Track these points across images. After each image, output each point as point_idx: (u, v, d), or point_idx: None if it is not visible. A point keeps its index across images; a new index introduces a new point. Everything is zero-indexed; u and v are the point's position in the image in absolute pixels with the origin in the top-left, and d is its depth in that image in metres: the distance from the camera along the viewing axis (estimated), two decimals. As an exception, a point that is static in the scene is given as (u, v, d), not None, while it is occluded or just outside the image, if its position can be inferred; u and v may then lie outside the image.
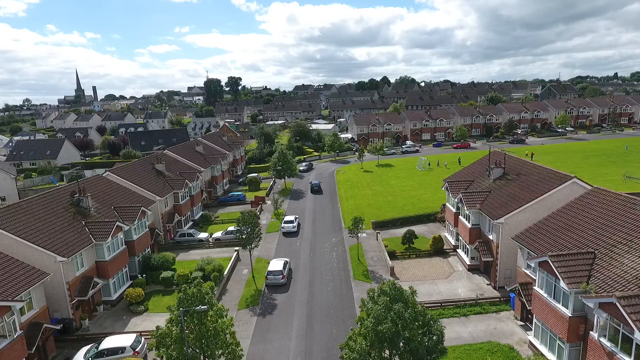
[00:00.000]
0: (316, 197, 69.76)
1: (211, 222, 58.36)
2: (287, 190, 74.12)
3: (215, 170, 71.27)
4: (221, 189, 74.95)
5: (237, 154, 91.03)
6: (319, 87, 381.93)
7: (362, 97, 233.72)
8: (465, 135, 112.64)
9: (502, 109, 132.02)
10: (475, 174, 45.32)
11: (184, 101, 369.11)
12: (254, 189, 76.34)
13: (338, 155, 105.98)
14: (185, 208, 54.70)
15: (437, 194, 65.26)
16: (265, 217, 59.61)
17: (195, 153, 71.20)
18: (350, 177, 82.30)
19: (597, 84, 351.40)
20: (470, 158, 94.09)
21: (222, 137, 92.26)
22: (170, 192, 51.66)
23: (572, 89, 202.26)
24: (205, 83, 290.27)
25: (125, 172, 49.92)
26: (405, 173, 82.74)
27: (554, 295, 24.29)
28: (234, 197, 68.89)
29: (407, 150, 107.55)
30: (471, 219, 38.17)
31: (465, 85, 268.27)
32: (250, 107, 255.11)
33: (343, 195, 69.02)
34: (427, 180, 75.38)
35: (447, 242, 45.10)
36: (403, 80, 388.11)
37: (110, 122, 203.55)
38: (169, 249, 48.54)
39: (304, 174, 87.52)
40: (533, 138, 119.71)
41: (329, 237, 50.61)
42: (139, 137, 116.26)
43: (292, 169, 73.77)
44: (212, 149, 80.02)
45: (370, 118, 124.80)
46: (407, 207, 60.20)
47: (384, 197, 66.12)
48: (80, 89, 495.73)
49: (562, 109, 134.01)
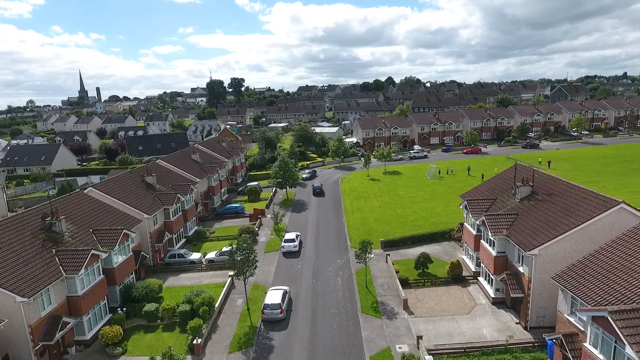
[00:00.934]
0: (320, 208, 65.16)
1: (206, 238, 53.86)
2: (289, 201, 69.57)
3: (212, 180, 66.82)
4: (219, 199, 70.54)
5: (236, 160, 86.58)
6: (322, 87, 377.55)
7: (367, 98, 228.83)
8: (476, 140, 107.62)
9: (514, 111, 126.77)
10: (497, 191, 40.56)
11: (187, 102, 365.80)
12: (254, 199, 71.87)
13: (343, 160, 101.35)
14: (177, 225, 50.25)
15: (450, 206, 60.60)
16: (264, 233, 55.07)
17: (190, 162, 66.77)
18: (356, 186, 77.62)
19: (607, 84, 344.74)
20: (482, 165, 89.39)
21: (221, 143, 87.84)
22: (160, 208, 47.22)
23: (584, 90, 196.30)
24: (207, 84, 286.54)
25: (110, 187, 45.52)
26: (414, 182, 77.93)
27: (613, 359, 19.55)
28: (231, 209, 64.39)
29: (415, 156, 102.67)
30: (496, 245, 33.40)
31: (472, 86, 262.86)
32: (253, 109, 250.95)
33: (348, 207, 64.37)
34: (438, 190, 70.53)
35: (466, 268, 40.34)
36: (408, 80, 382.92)
37: (111, 124, 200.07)
38: (158, 272, 44.14)
39: (307, 182, 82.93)
40: (547, 142, 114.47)
41: (333, 258, 45.99)
42: (137, 142, 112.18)
43: (294, 178, 69.20)
44: (209, 156, 75.59)
45: (376, 121, 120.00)
46: (419, 221, 55.45)
47: (392, 210, 61.38)
48: (84, 90, 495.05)
49: (576, 111, 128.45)
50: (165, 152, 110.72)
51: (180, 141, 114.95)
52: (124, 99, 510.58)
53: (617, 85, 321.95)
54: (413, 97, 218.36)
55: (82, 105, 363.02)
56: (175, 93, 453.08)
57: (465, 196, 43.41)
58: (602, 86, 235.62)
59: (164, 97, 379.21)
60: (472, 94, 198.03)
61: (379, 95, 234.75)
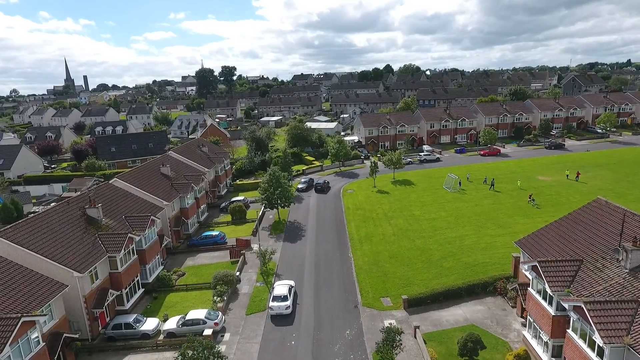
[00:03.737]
0: (319, 235, 52.56)
1: (170, 288, 41.08)
2: (281, 224, 56.88)
3: (186, 201, 53.90)
4: (195, 221, 57.74)
5: (220, 169, 73.42)
6: (318, 76, 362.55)
7: (367, 89, 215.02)
8: (494, 139, 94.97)
9: (532, 106, 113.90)
10: (578, 243, 28.08)
11: (177, 92, 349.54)
12: (239, 220, 59.12)
13: (343, 164, 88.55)
14: (129, 275, 37.47)
15: (483, 235, 48.34)
16: (248, 278, 42.48)
17: (157, 179, 53.70)
18: (361, 201, 64.98)
19: (611, 71, 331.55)
20: (505, 171, 76.66)
21: (202, 147, 74.52)
22: (101, 258, 34.40)
23: (598, 80, 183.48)
24: (197, 73, 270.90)
25: (27, 231, 32.52)
26: (430, 195, 65.33)
27: None
28: (209, 239, 51.51)
29: (426, 159, 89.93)
30: (607, 355, 20.96)
31: (477, 75, 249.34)
32: (245, 100, 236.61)
33: (355, 235, 51.85)
34: (462, 210, 58.04)
35: (534, 356, 27.99)
36: (408, 68, 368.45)
37: (91, 118, 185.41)
38: (96, 351, 31.54)
39: (304, 195, 70.19)
40: (571, 141, 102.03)
41: (340, 327, 33.53)
42: (109, 142, 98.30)
43: (287, 196, 56.39)
44: (184, 167, 62.52)
45: (380, 118, 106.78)
46: (447, 261, 43.07)
47: (410, 241, 48.90)
48: (70, 79, 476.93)
49: (601, 105, 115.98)
50: (141, 155, 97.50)
51: (159, 141, 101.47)
52: (112, 88, 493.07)
53: (625, 73, 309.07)
54: (415, 87, 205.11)
55: (67, 95, 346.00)
56: (165, 82, 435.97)
57: (528, 245, 30.97)
58: (617, 75, 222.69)
59: (152, 87, 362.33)
60: (479, 84, 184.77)
61: (378, 86, 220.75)
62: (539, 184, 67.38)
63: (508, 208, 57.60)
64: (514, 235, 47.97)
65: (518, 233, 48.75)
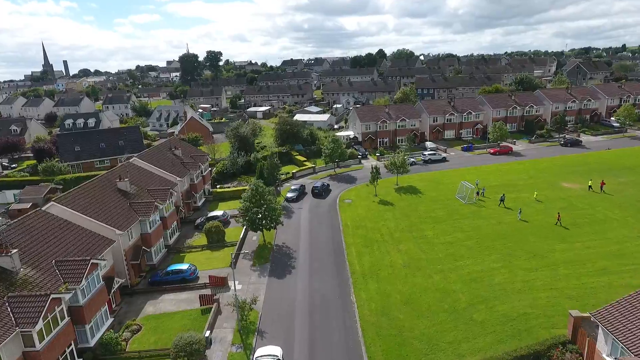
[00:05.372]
0: (314, 265, 43.00)
1: (119, 354, 31.15)
2: (266, 250, 47.04)
3: (148, 226, 43.62)
4: (162, 245, 47.63)
5: (196, 175, 62.96)
6: (309, 61, 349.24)
7: (360, 75, 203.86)
8: (506, 136, 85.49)
9: (543, 97, 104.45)
10: None
11: (160, 78, 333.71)
12: (216, 243, 49.14)
13: (338, 165, 78.64)
14: (53, 351, 27.40)
15: (516, 269, 39.06)
16: (221, 337, 32.74)
17: (111, 199, 43.14)
18: (361, 216, 55.31)
19: (606, 57, 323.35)
20: (521, 175, 66.33)
21: (174, 150, 63.85)
22: (9, 334, 24.34)
23: (604, 67, 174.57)
24: (180, 58, 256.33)
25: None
26: (442, 208, 55.81)
27: None
28: (176, 274, 41.44)
29: (431, 159, 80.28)
30: None
31: (476, 61, 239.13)
32: (231, 87, 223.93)
33: (357, 266, 42.30)
34: (482, 228, 48.64)
35: None
36: (401, 53, 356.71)
37: (64, 108, 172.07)
38: None
39: (294, 206, 60.33)
40: (587, 137, 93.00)
41: None
42: (73, 140, 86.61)
43: (273, 216, 46.40)
44: (149, 179, 51.99)
45: (378, 111, 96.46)
46: (478, 310, 33.75)
47: (426, 276, 39.49)
48: (48, 63, 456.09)
49: (616, 95, 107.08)
50: (111, 154, 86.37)
51: (132, 138, 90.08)
52: (95, 74, 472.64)
53: (622, 58, 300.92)
54: (411, 73, 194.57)
55: (44, 82, 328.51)
56: (149, 67, 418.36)
57: (614, 323, 21.62)
58: (622, 62, 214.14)
59: (134, 73, 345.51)
60: (479, 71, 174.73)
61: (373, 72, 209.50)
62: (566, 194, 58.16)
63: (537, 227, 48.34)
64: (554, 269, 38.96)
65: (558, 265, 39.70)
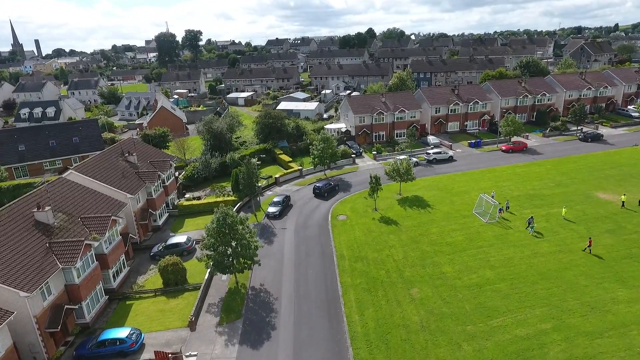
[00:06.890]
0: (301, 324, 32.26)
1: None
2: (238, 299, 36.01)
3: (74, 274, 32.03)
4: (99, 294, 36.27)
5: (155, 188, 50.88)
6: (295, 41, 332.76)
7: (350, 57, 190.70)
8: (521, 130, 74.75)
9: (556, 83, 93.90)
10: None
11: (137, 60, 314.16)
12: (176, 284, 37.91)
13: (329, 167, 67.44)
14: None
15: (573, 335, 28.27)
16: None
17: (23, 237, 31.33)
18: (359, 240, 44.50)
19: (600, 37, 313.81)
20: (545, 181, 49.84)
21: (128, 157, 51.49)
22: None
23: (608, 48, 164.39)
24: (157, 38, 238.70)
25: None
26: (459, 230, 45.21)
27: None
28: (110, 345, 30.18)
29: (436, 158, 69.45)
30: None
31: (472, 41, 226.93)
32: (211, 69, 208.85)
33: (359, 328, 31.64)
34: (514, 262, 38.20)
35: None
36: (392, 33, 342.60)
37: (25, 94, 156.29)
38: None
39: (276, 225, 49.24)
40: (606, 129, 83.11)
41: None
42: (17, 137, 73.43)
43: (248, 255, 35.18)
44: (86, 200, 40.03)
45: (374, 101, 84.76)
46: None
47: (452, 345, 29.04)
48: (18, 43, 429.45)
49: (633, 81, 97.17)
50: (62, 153, 73.59)
51: (88, 134, 77.05)
52: (70, 54, 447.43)
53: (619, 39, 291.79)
54: (405, 55, 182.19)
55: (11, 63, 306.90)
56: (126, 47, 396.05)
57: None
58: (624, 42, 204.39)
59: (108, 53, 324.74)
60: (478, 53, 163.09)
61: (363, 53, 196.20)
62: (607, 209, 47.83)
63: (586, 261, 38.12)
64: (625, 333, 28.62)
65: (629, 326, 29.51)
